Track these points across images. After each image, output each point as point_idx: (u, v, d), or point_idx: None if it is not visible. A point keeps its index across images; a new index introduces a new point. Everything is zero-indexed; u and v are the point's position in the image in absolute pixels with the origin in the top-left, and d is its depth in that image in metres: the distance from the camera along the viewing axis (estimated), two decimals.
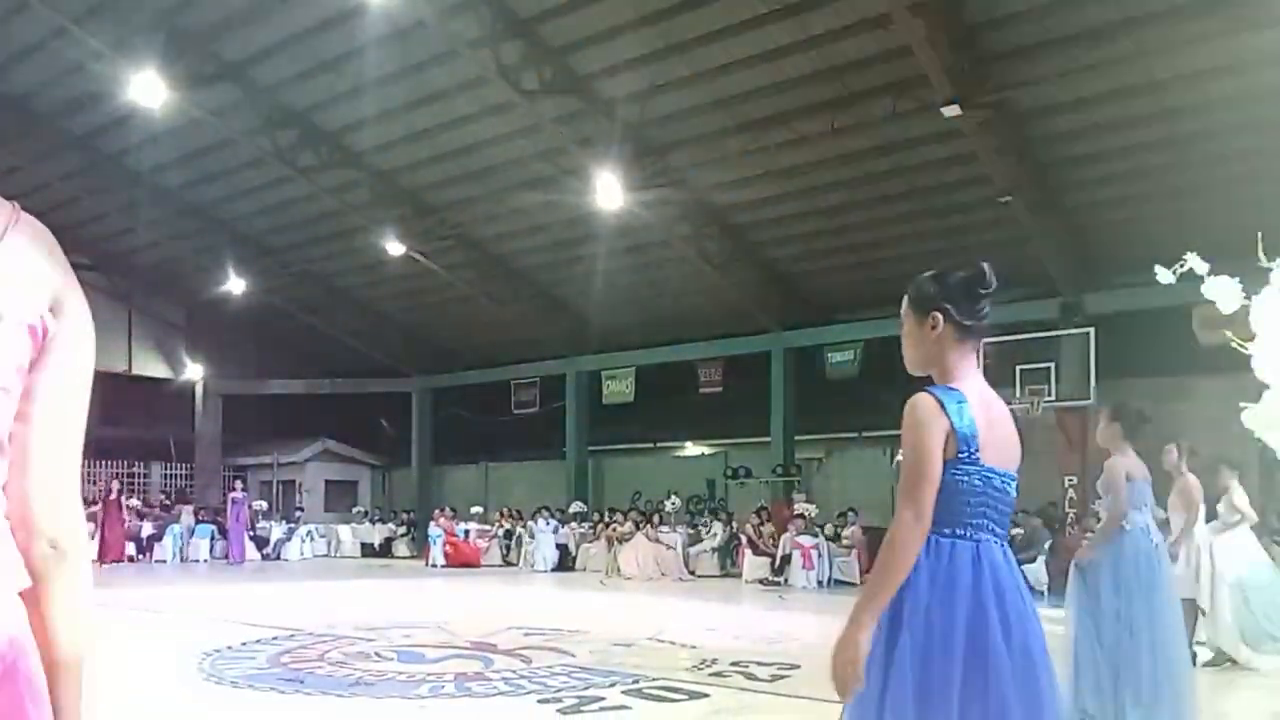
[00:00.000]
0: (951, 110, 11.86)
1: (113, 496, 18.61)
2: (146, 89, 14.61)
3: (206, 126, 16.58)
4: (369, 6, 12.81)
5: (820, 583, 15.23)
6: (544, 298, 20.46)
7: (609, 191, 14.59)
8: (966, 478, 2.29)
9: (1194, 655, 6.41)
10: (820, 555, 15.56)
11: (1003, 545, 2.36)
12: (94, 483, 23.28)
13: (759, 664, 7.32)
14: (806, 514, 16.50)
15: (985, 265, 2.41)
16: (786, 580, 15.32)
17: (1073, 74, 11.40)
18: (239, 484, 20.20)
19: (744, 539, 16.79)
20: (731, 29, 12.23)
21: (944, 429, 2.27)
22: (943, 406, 2.28)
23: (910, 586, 2.24)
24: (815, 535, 15.89)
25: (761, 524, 16.66)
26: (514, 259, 19.49)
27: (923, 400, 2.31)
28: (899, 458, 2.41)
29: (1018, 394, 14.58)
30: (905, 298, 2.50)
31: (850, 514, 16.68)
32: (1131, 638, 4.74)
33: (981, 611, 2.22)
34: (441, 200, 18.02)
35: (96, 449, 25.37)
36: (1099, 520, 5.63)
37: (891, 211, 15.24)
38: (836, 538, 16.17)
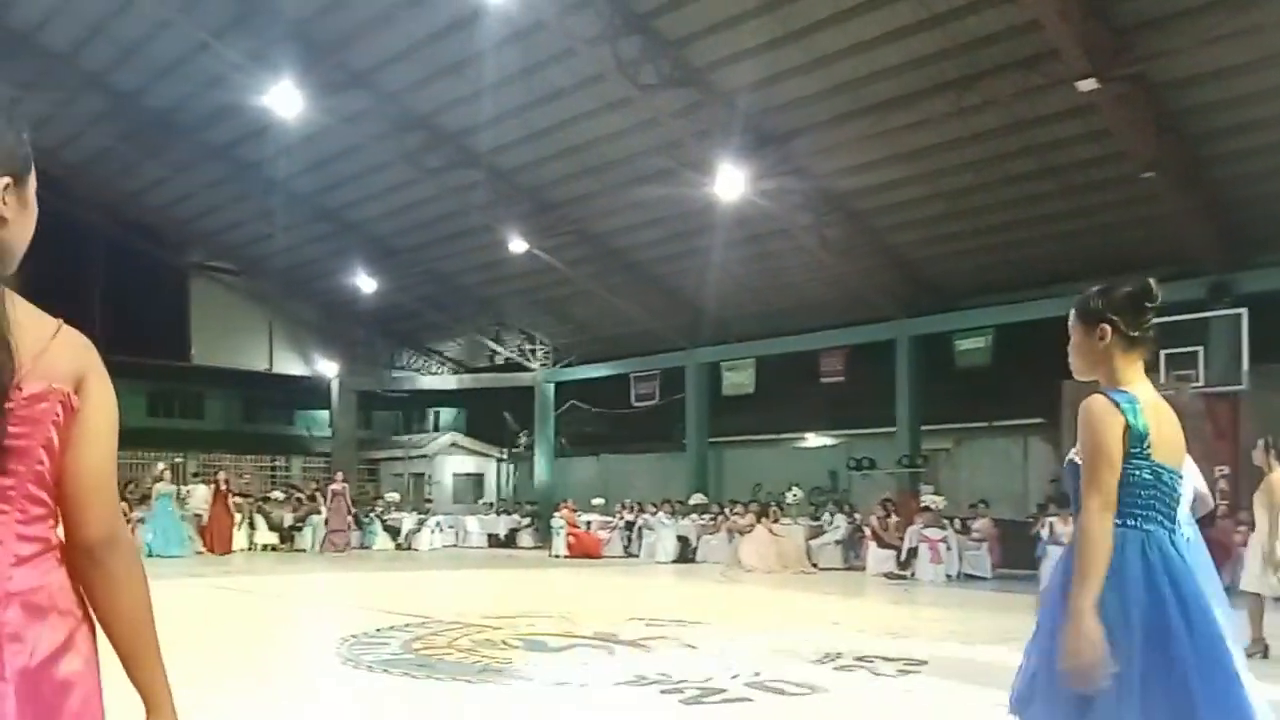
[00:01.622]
0: (1086, 84, 11.36)
1: (221, 489, 19.05)
2: (282, 99, 15.34)
3: (337, 133, 17.28)
4: (489, 10, 13.10)
5: (949, 577, 14.80)
6: (663, 290, 20.53)
7: (728, 182, 14.53)
8: (1138, 472, 2.44)
9: (1266, 647, 6.87)
10: (949, 549, 15.12)
11: (1172, 535, 2.46)
12: (241, 475, 24.65)
13: (884, 659, 7.15)
14: (934, 506, 16.06)
15: (1151, 280, 2.54)
16: (913, 574, 14.96)
17: (1213, 43, 10.79)
18: (339, 476, 20.86)
19: (868, 531, 16.46)
20: (851, 11, 12.02)
21: (1121, 425, 2.43)
22: (1118, 406, 2.46)
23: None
24: (943, 528, 15.45)
25: (886, 516, 16.31)
26: (633, 253, 19.62)
27: (1097, 400, 2.49)
28: (1071, 455, 2.54)
29: (1163, 379, 13.84)
30: (1072, 310, 2.63)
31: (981, 506, 16.15)
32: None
33: (1157, 596, 2.34)
34: (561, 197, 18.28)
35: (240, 444, 26.90)
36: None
37: (1023, 192, 14.68)
38: (966, 530, 15.68)
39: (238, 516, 19.58)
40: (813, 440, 22.82)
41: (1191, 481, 4.94)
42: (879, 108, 13.40)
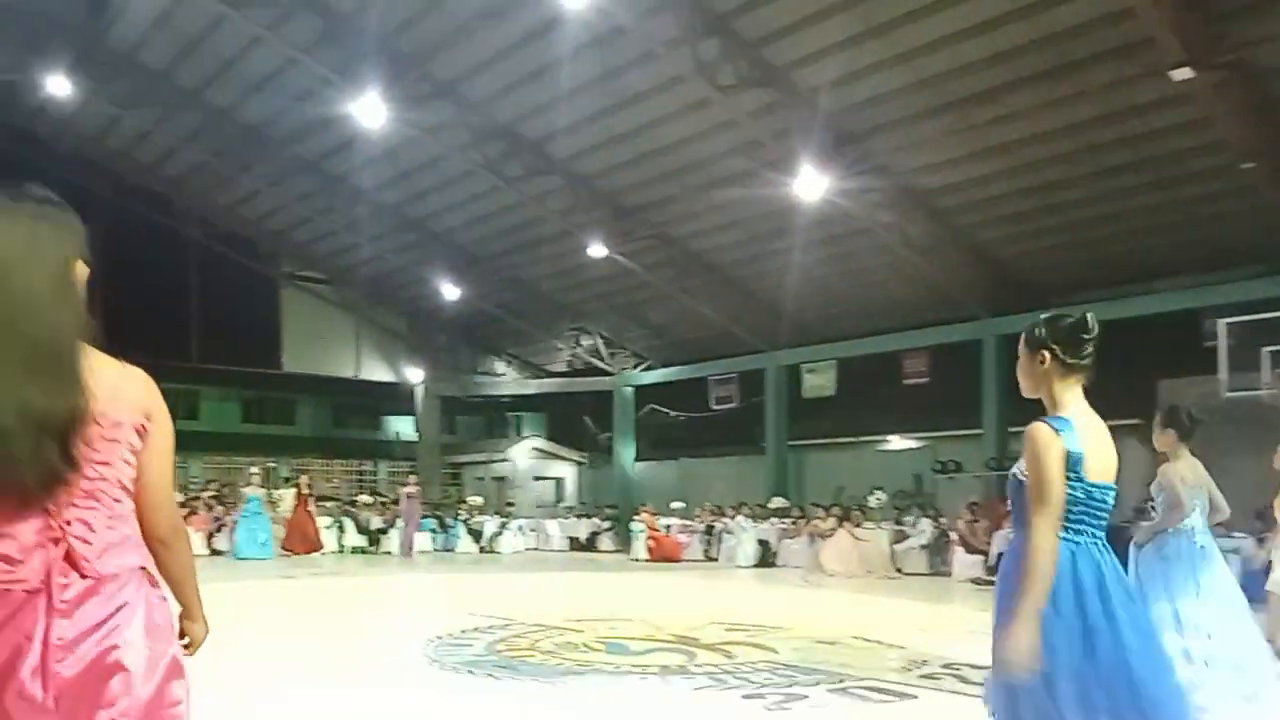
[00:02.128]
0: (1182, 73, 10.96)
1: (303, 493, 19.40)
2: (368, 111, 15.72)
3: (421, 144, 17.65)
4: (569, 17, 13.22)
5: None
6: (742, 293, 20.44)
7: (808, 182, 14.39)
8: (1072, 491, 2.76)
9: None
10: None
11: (1100, 544, 2.81)
12: (329, 479, 25.34)
13: (973, 667, 6.94)
14: None
15: (1089, 315, 2.91)
16: None
17: None
18: (412, 480, 21.17)
19: (954, 536, 16.10)
20: (935, 6, 11.82)
21: (1061, 451, 2.74)
22: (1058, 433, 2.76)
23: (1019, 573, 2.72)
24: None
25: (973, 520, 15.92)
26: (711, 255, 19.58)
27: (1041, 428, 2.80)
28: (1014, 471, 2.87)
29: (1265, 378, 13.22)
30: (1022, 335, 2.97)
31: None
32: (1196, 630, 5.04)
33: (1081, 598, 2.68)
34: (640, 201, 18.35)
35: (329, 449, 27.64)
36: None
37: (1116, 185, 14.21)
38: None
39: (327, 520, 20.10)
40: (896, 443, 22.41)
41: (1202, 492, 5.40)
42: (964, 102, 13.14)
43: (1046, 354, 2.91)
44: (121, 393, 1.89)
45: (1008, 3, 11.59)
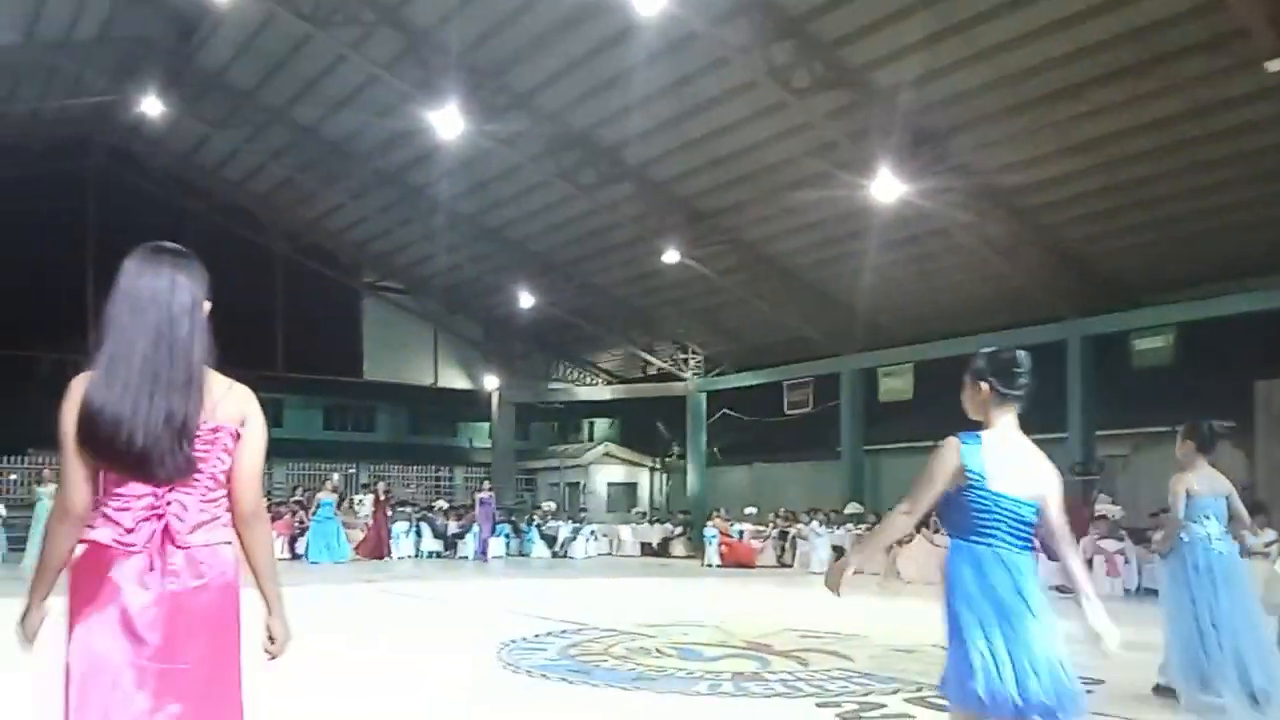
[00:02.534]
0: (1277, 64, 10.54)
1: (380, 498, 19.87)
2: (447, 124, 16.03)
3: (497, 154, 17.94)
4: (642, 25, 13.31)
5: (1127, 591, 13.94)
6: (816, 296, 20.28)
7: (884, 184, 14.24)
8: (976, 500, 3.14)
9: None
10: (1127, 561, 14.25)
11: (1017, 550, 3.17)
12: (406, 485, 25.82)
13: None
14: (1110, 516, 15.17)
15: (1020, 352, 3.32)
16: None
17: None
18: (485, 485, 21.29)
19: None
20: (1016, 2, 11.62)
21: (955, 462, 3.16)
22: (961, 445, 3.18)
23: (952, 574, 3.18)
24: (1121, 539, 14.59)
25: None
26: (786, 258, 19.47)
27: (949, 440, 3.22)
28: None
29: None
30: (969, 367, 3.38)
31: (1163, 515, 15.10)
32: (1216, 631, 5.53)
33: (984, 592, 3.12)
34: (713, 206, 18.36)
35: (406, 455, 28.17)
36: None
37: (1208, 180, 13.76)
38: (1146, 542, 14.72)
39: (404, 525, 20.48)
40: None
41: (1220, 501, 5.79)
42: (1046, 99, 12.87)
43: (985, 385, 3.31)
44: (223, 404, 2.41)
45: None
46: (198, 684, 2.28)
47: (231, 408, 2.41)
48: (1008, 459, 3.21)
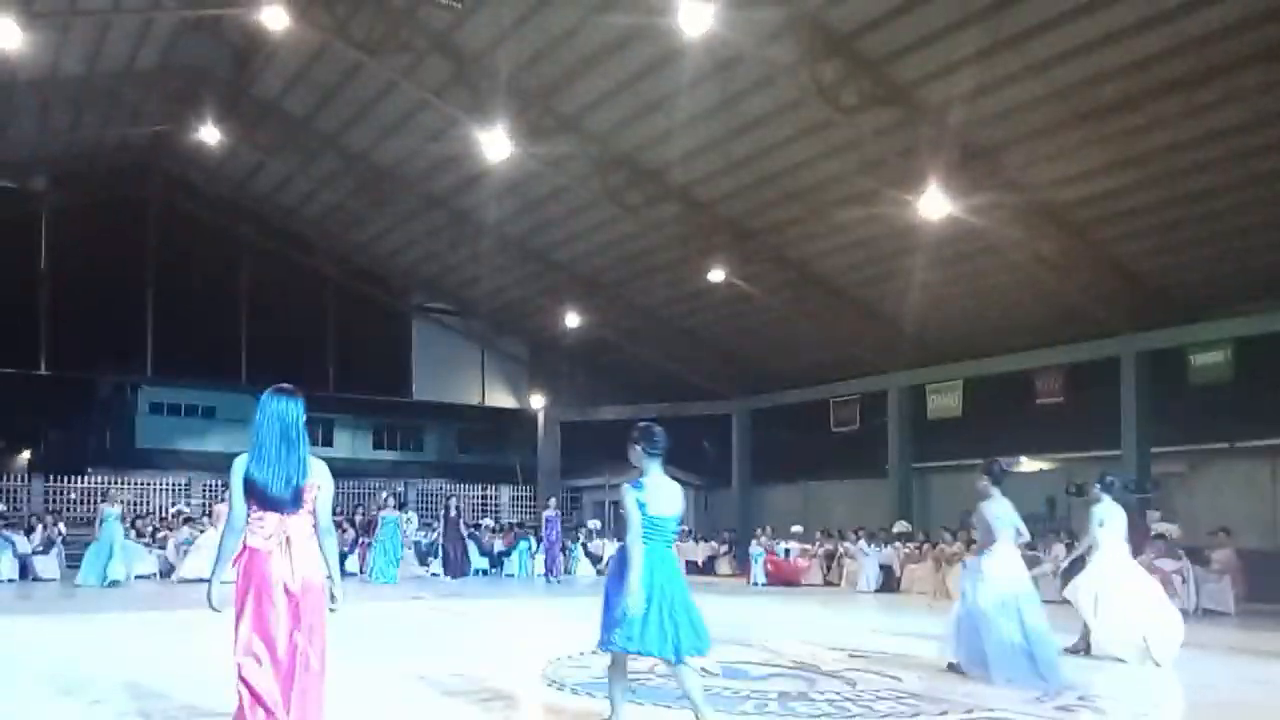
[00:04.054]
0: None
1: (452, 515, 19.86)
2: (495, 148, 16.22)
3: (544, 177, 18.12)
4: (689, 46, 13.42)
5: (1185, 612, 13.55)
6: (863, 313, 20.19)
7: (933, 200, 14.18)
8: (645, 518, 5.10)
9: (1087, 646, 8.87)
10: (1185, 581, 13.92)
11: (662, 548, 5.22)
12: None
13: (1111, 699, 6.65)
14: (1167, 535, 14.87)
15: (658, 428, 5.24)
16: None
17: None
18: (551, 501, 21.04)
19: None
20: (1068, 15, 11.52)
21: (635, 500, 5.09)
22: (634, 489, 5.13)
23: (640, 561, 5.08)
24: (1178, 558, 14.26)
25: None
26: (833, 277, 19.42)
27: (627, 489, 5.14)
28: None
29: None
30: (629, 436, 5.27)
31: (1221, 534, 14.80)
32: (1008, 620, 7.38)
33: (651, 577, 5.07)
34: (760, 224, 18.38)
35: (454, 473, 28.43)
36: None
37: (1267, 192, 13.52)
38: (1205, 562, 14.42)
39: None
40: (1028, 465, 21.68)
41: (1011, 525, 7.59)
42: (1100, 112, 12.75)
43: (639, 448, 5.21)
44: (312, 471, 4.30)
45: (1146, 8, 11.22)
46: (310, 612, 4.18)
47: (315, 474, 4.31)
48: (658, 492, 5.16)
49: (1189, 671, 8.35)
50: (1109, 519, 8.87)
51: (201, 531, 18.71)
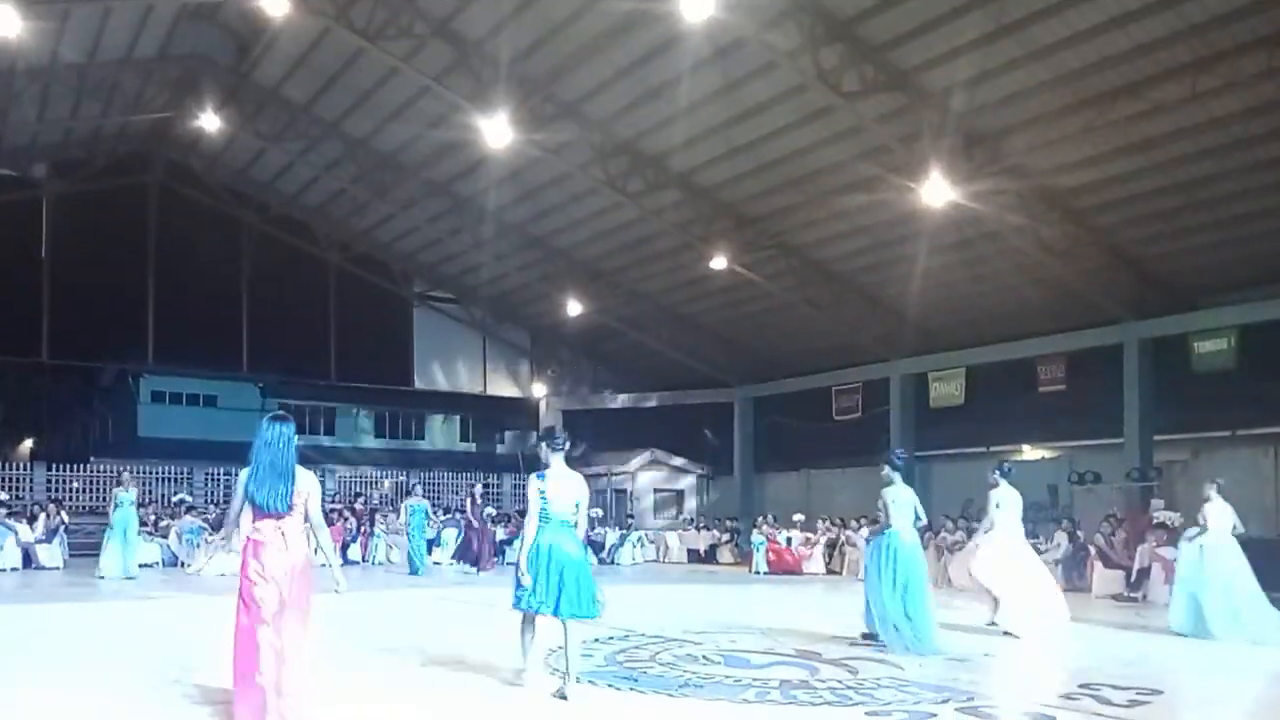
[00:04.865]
0: None
1: (478, 502, 19.45)
2: (496, 134, 16.17)
3: (545, 164, 18.07)
4: (690, 32, 13.35)
5: None
6: (866, 301, 20.16)
7: (935, 187, 14.12)
8: (543, 507, 6.10)
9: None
10: None
11: (567, 529, 6.17)
12: (456, 492, 26.04)
13: (1113, 687, 6.61)
14: (1169, 522, 14.82)
15: (558, 428, 7.54)
16: (1145, 596, 13.83)
17: None
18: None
19: (1093, 550, 15.38)
20: (1070, 0, 11.44)
21: (537, 488, 6.11)
22: (536, 479, 6.15)
23: (541, 542, 6.14)
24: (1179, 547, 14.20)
25: (1113, 533, 15.22)
26: (834, 263, 19.38)
27: (531, 478, 6.21)
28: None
29: None
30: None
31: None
32: (894, 591, 8.34)
33: (540, 550, 6.09)
34: (761, 211, 18.33)
35: (456, 462, 28.45)
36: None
37: (1270, 178, 13.49)
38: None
39: (454, 531, 20.49)
40: (1030, 453, 21.65)
41: (910, 508, 8.57)
42: (1102, 98, 12.69)
43: (544, 445, 6.33)
44: (302, 481, 5.14)
45: None
46: (297, 596, 5.05)
47: (304, 485, 5.18)
48: (558, 482, 6.15)
49: (1191, 658, 8.35)
50: (1005, 502, 9.68)
51: (205, 521, 18.91)
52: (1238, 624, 9.18)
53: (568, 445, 6.23)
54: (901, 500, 8.53)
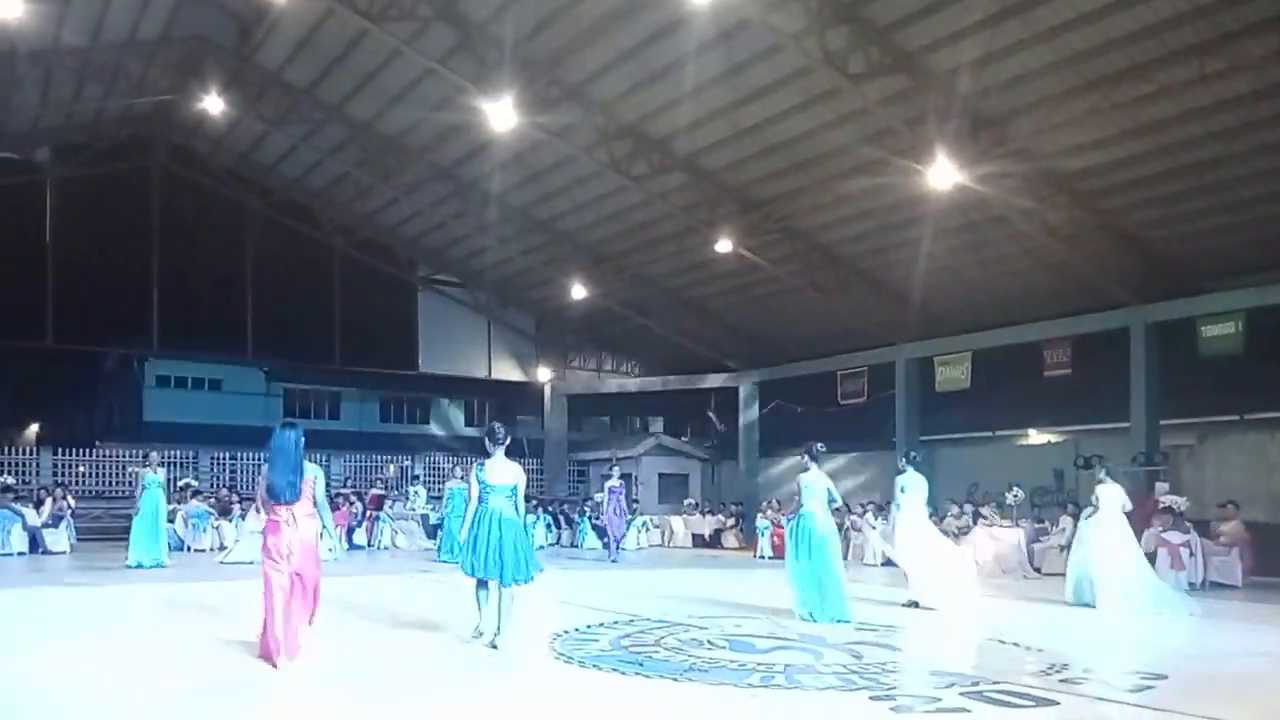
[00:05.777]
0: None
1: None
2: (500, 117, 16.07)
3: (549, 147, 18.00)
4: (695, 14, 13.24)
5: (1192, 585, 13.48)
6: (871, 285, 20.08)
7: (941, 170, 14.02)
8: (482, 485, 7.42)
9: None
10: (1192, 554, 13.80)
11: (504, 502, 7.40)
12: (462, 478, 26.09)
13: (1119, 672, 6.61)
14: (1175, 507, 14.77)
15: (498, 424, 7.64)
16: None
17: None
18: (615, 471, 19.48)
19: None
20: None
21: (477, 473, 7.47)
22: (477, 466, 7.52)
23: (480, 513, 7.41)
24: (1186, 531, 14.15)
25: None
26: (840, 247, 19.30)
27: (474, 466, 7.57)
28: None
29: None
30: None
31: (1230, 507, 14.72)
32: (810, 564, 9.26)
33: (481, 520, 7.37)
34: (767, 194, 18.24)
35: (460, 447, 28.46)
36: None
37: (1277, 161, 13.34)
38: (1213, 535, 14.34)
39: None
40: (1035, 437, 21.62)
41: (825, 491, 9.57)
42: (1108, 80, 12.57)
43: (487, 439, 7.52)
44: (307, 474, 6.65)
45: None
46: (305, 561, 6.55)
47: (310, 475, 6.60)
48: (495, 468, 7.37)
49: (1196, 644, 8.33)
50: (909, 486, 10.69)
51: (212, 505, 19.03)
52: (1124, 597, 10.15)
53: (508, 440, 7.44)
54: (814, 485, 9.44)
